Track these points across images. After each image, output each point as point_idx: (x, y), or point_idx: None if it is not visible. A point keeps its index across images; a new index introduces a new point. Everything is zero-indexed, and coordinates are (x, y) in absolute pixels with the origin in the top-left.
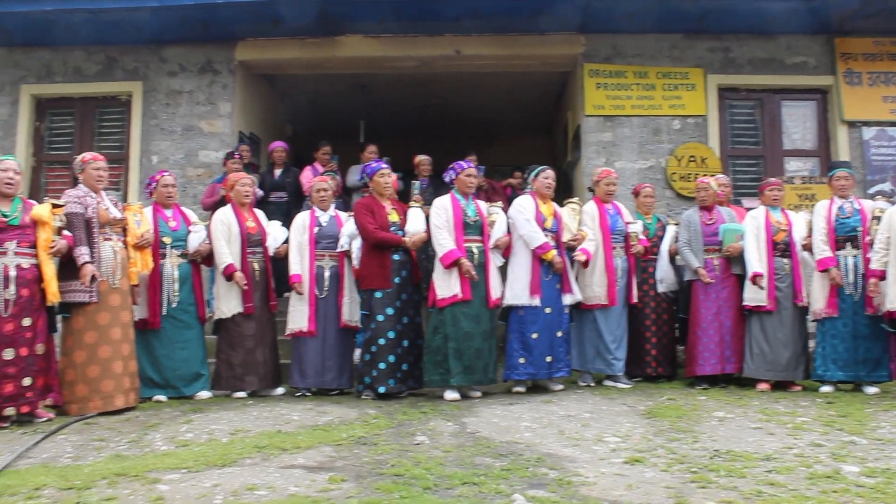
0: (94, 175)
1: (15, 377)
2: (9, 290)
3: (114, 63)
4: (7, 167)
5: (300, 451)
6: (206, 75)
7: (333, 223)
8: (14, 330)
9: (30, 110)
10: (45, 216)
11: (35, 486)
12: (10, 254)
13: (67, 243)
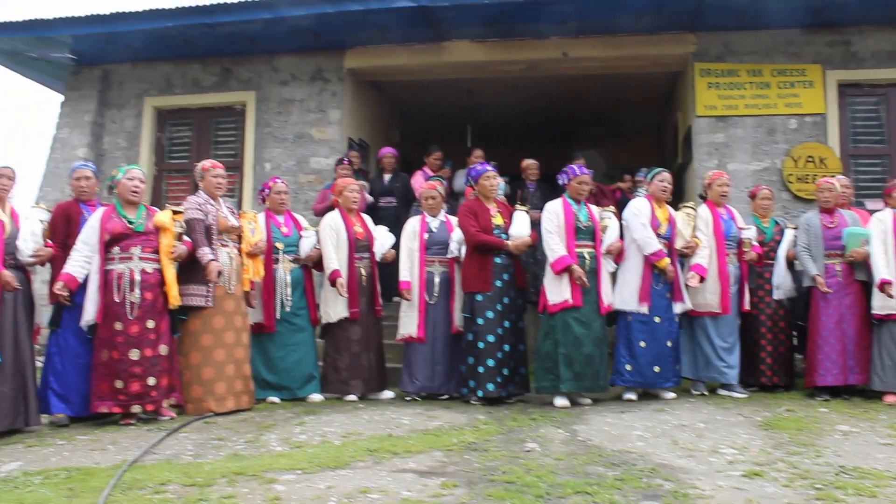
0: (213, 182)
1: (141, 377)
2: (134, 294)
3: (229, 74)
4: (133, 176)
5: (411, 455)
6: (317, 83)
7: (444, 229)
8: (139, 332)
9: (152, 121)
10: (166, 222)
11: (160, 482)
12: (136, 259)
13: (187, 248)
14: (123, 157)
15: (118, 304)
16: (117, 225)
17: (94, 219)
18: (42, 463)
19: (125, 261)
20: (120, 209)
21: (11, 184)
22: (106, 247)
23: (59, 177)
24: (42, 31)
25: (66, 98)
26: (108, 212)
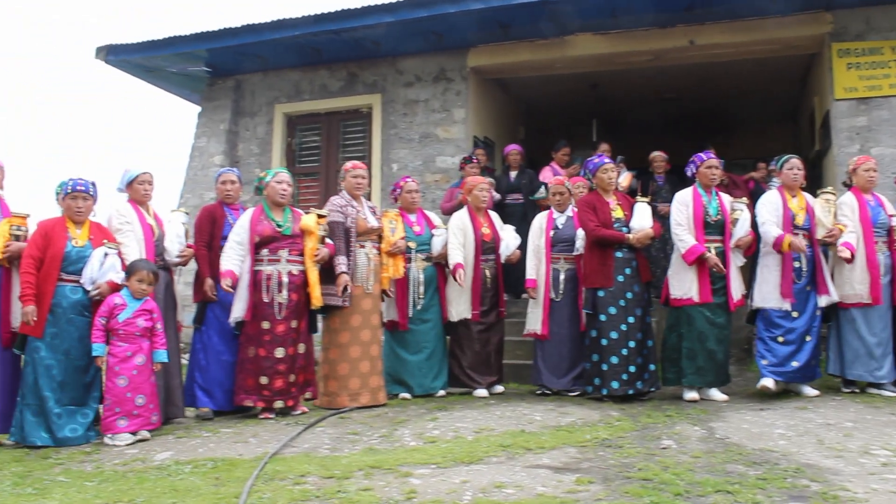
0: (353, 183)
1: (284, 374)
2: (282, 295)
3: (355, 78)
4: (282, 178)
5: (545, 451)
6: (441, 83)
7: (570, 225)
8: (285, 331)
9: (282, 127)
10: (311, 226)
11: (300, 473)
12: (283, 261)
13: (329, 252)
14: (257, 162)
15: (266, 303)
16: (266, 228)
17: (244, 219)
18: (191, 453)
19: (273, 263)
20: (268, 211)
21: (153, 189)
22: (255, 248)
23: (198, 183)
24: (180, 47)
25: (203, 109)
26: (256, 213)
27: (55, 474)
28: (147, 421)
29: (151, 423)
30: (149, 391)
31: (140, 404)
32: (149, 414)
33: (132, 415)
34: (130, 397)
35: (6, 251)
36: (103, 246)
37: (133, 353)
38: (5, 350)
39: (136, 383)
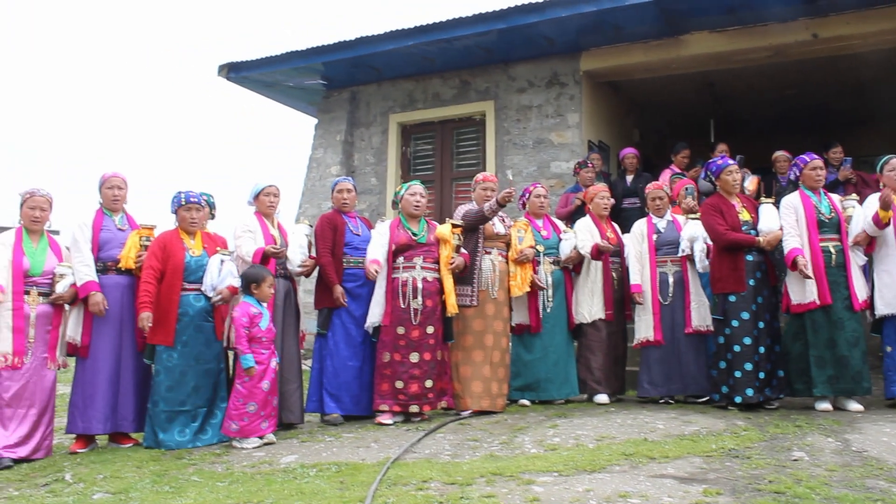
0: (482, 195)
1: (420, 378)
2: (417, 301)
3: (467, 86)
4: (415, 191)
5: (669, 460)
6: (553, 88)
7: (672, 228)
8: (420, 336)
9: (397, 136)
10: (446, 235)
11: (423, 479)
12: (418, 268)
13: (465, 260)
14: (372, 172)
15: (402, 309)
16: (403, 236)
17: (384, 228)
18: (315, 457)
19: (409, 270)
20: (404, 222)
21: (277, 201)
22: (392, 257)
23: (316, 194)
24: (297, 61)
25: (320, 121)
26: (394, 224)
27: (189, 474)
28: (274, 424)
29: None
30: (277, 395)
31: (275, 406)
32: (275, 417)
33: (271, 416)
34: (270, 400)
35: (138, 261)
36: (218, 253)
37: (269, 358)
38: (139, 354)
39: (274, 387)
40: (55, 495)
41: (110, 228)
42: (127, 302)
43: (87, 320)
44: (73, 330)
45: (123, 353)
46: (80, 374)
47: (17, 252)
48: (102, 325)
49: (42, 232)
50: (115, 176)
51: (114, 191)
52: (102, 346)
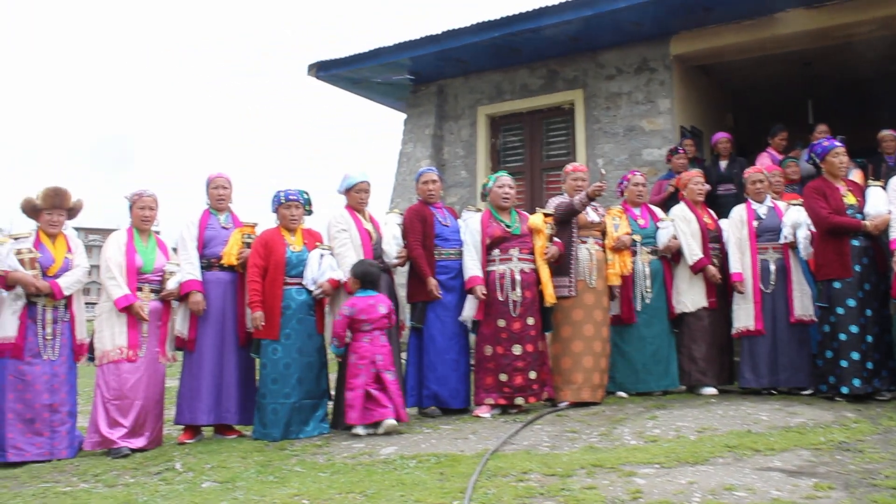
0: (573, 185)
1: (523, 370)
2: (515, 293)
3: (555, 75)
4: (502, 183)
5: (774, 453)
6: (643, 74)
7: (773, 214)
8: (521, 328)
9: (486, 129)
10: (539, 225)
11: (522, 470)
12: (514, 260)
13: (559, 249)
14: (462, 165)
15: (501, 302)
16: (496, 229)
17: (474, 224)
18: (414, 448)
19: (505, 262)
20: (495, 214)
21: (368, 196)
22: (486, 250)
23: (407, 188)
24: (384, 58)
25: (408, 115)
26: (485, 217)
27: (292, 465)
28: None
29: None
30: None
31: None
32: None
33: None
34: (362, 395)
35: (240, 258)
36: (317, 248)
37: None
38: (241, 349)
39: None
40: (167, 483)
41: (215, 227)
42: (230, 297)
43: (192, 315)
44: (181, 324)
45: (226, 348)
46: (186, 368)
47: (129, 250)
48: (206, 320)
49: (150, 231)
50: (220, 176)
51: (219, 190)
52: (206, 340)
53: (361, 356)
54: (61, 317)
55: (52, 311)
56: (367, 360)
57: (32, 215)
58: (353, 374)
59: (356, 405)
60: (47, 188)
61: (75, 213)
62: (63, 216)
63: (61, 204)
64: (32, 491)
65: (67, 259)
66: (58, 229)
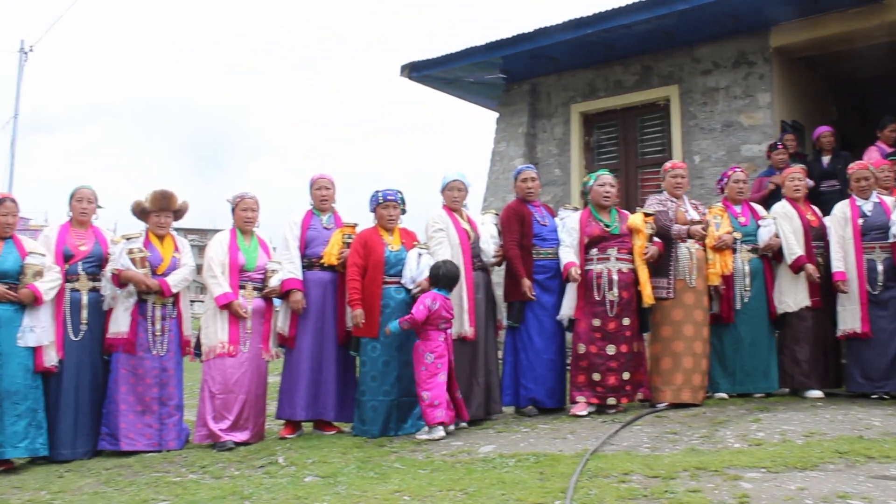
0: (672, 183)
1: (617, 371)
2: (612, 293)
3: (649, 71)
4: (603, 182)
5: (890, 461)
6: (741, 68)
7: (880, 211)
8: (616, 328)
9: (579, 126)
10: (639, 224)
11: (623, 471)
12: (612, 259)
13: (658, 249)
14: (556, 163)
15: (598, 301)
16: (595, 228)
17: (573, 221)
18: (513, 447)
19: (603, 261)
20: (595, 213)
21: (462, 195)
22: (585, 249)
23: (500, 187)
24: (476, 57)
25: (501, 114)
26: (584, 215)
27: (391, 461)
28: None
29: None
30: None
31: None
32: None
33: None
34: (419, 391)
35: (340, 258)
36: (415, 247)
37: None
38: (340, 347)
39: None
40: (271, 476)
41: (317, 227)
42: (329, 296)
43: (293, 313)
44: (282, 322)
45: (325, 345)
46: (287, 364)
47: (232, 249)
48: (306, 318)
49: (252, 231)
50: (323, 177)
51: (321, 191)
52: (306, 338)
53: (440, 354)
54: (169, 313)
55: (161, 308)
56: (445, 359)
57: (142, 217)
58: (431, 371)
59: (442, 403)
60: (154, 192)
61: (181, 214)
62: (170, 218)
63: (168, 206)
64: (145, 480)
65: (175, 258)
66: (165, 230)
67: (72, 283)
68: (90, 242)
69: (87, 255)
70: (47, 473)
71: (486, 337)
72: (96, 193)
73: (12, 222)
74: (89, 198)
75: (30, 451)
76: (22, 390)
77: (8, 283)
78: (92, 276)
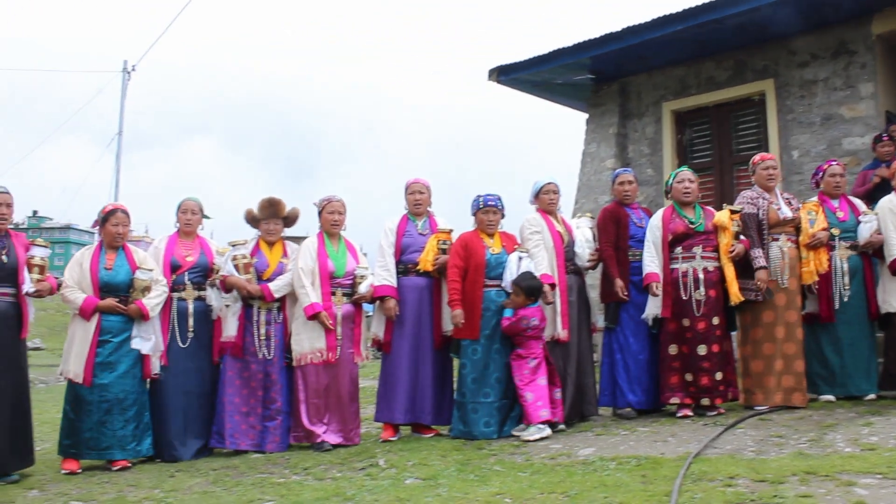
0: (764, 175)
1: (709, 371)
2: (699, 292)
3: (743, 66)
4: (682, 178)
5: None
6: (841, 58)
7: None
8: (706, 328)
9: (671, 125)
10: (724, 222)
11: (729, 475)
12: (698, 258)
13: (745, 247)
14: (648, 162)
15: (685, 301)
16: (679, 225)
17: (655, 220)
18: (612, 450)
19: (688, 260)
20: (679, 209)
21: (557, 198)
22: (669, 247)
23: (591, 188)
24: (564, 59)
25: (590, 115)
26: (667, 213)
27: (491, 464)
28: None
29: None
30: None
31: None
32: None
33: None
34: (522, 391)
35: (436, 263)
36: (516, 251)
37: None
38: (436, 351)
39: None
40: (372, 478)
41: (412, 234)
42: (426, 302)
43: (387, 319)
44: (377, 326)
45: (422, 350)
46: (383, 368)
47: (321, 256)
48: (402, 323)
49: (340, 235)
50: (417, 182)
51: (416, 196)
52: (402, 343)
53: (539, 358)
54: (274, 318)
55: (265, 313)
56: (544, 363)
57: (253, 224)
58: (533, 373)
59: (546, 402)
60: (263, 199)
61: (291, 221)
62: (279, 224)
63: (277, 213)
64: (251, 480)
65: (282, 263)
66: (275, 237)
67: (178, 292)
68: (196, 253)
69: (192, 266)
70: (159, 472)
71: (579, 339)
72: (202, 204)
73: (123, 232)
74: (194, 209)
75: (136, 453)
76: (130, 397)
77: (119, 296)
78: (197, 285)
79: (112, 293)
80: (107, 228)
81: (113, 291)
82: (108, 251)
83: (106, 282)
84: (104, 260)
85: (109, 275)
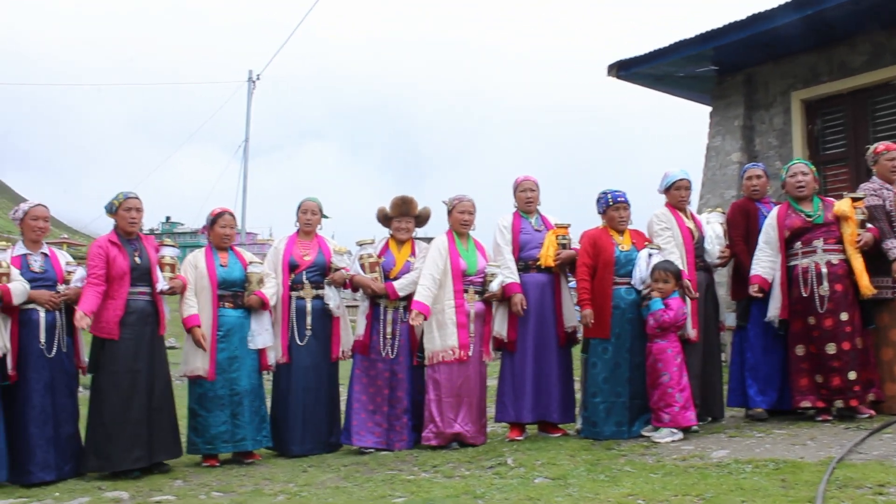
0: (888, 166)
1: (840, 371)
2: (822, 287)
3: (881, 49)
4: (794, 171)
5: None
6: None
7: None
8: (833, 325)
9: (801, 115)
10: (846, 210)
11: (878, 482)
12: (819, 252)
13: (874, 236)
14: (776, 155)
15: (807, 298)
16: (795, 220)
17: (770, 217)
18: (748, 453)
19: (808, 255)
20: (794, 204)
21: (688, 194)
22: (787, 243)
23: (717, 183)
24: (686, 50)
25: (714, 108)
26: (782, 209)
27: (621, 465)
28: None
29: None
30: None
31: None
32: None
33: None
34: (672, 393)
35: (557, 259)
36: (646, 248)
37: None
38: (561, 348)
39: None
40: (500, 477)
41: (528, 231)
42: (548, 298)
43: (511, 316)
44: (499, 325)
45: (546, 347)
46: (507, 367)
47: (453, 254)
48: (526, 321)
49: (468, 234)
50: (527, 179)
51: (526, 193)
52: (527, 340)
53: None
54: (401, 317)
55: (392, 311)
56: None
57: (385, 223)
58: (681, 372)
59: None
60: (395, 198)
61: (423, 220)
62: (411, 223)
63: (408, 212)
64: (381, 477)
65: (409, 262)
66: (406, 235)
67: (297, 291)
68: (314, 252)
69: (310, 265)
70: (293, 467)
71: (707, 338)
72: (321, 205)
73: (230, 234)
74: (314, 209)
75: (256, 443)
76: (255, 389)
77: (235, 292)
78: (315, 284)
79: (228, 289)
80: (215, 230)
81: (229, 287)
82: (220, 252)
83: (224, 278)
84: (218, 259)
85: (226, 271)
